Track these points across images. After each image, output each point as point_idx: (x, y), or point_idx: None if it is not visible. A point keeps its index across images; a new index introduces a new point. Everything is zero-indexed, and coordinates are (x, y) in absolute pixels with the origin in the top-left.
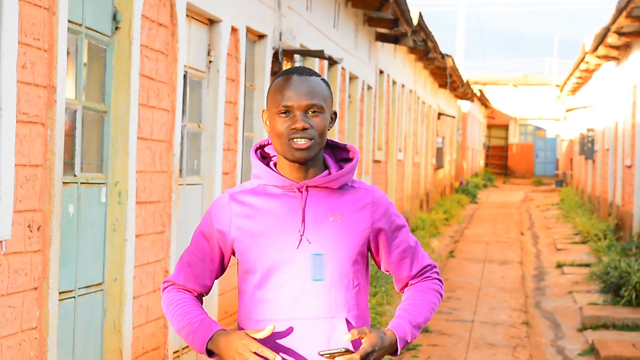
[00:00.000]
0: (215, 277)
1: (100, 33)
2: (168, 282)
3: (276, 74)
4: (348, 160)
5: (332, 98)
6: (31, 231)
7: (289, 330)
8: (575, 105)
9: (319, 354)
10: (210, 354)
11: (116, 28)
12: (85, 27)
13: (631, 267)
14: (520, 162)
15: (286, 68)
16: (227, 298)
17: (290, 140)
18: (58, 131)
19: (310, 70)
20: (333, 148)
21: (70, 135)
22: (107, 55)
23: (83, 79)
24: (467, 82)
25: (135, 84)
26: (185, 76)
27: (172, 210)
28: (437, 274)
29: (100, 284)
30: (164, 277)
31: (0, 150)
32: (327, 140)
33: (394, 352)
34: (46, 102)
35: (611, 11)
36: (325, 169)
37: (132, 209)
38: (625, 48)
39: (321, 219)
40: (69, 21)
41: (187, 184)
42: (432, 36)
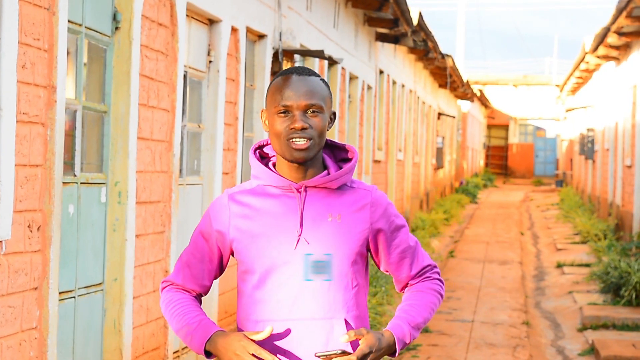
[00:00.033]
0: (214, 278)
1: (100, 33)
2: (167, 282)
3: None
4: (347, 161)
5: (331, 98)
6: (31, 231)
7: (288, 331)
8: (575, 105)
9: (316, 356)
10: (208, 355)
11: (116, 28)
12: (85, 27)
13: (631, 267)
14: (520, 162)
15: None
16: (227, 298)
17: (290, 140)
18: (58, 131)
19: (309, 70)
20: (332, 148)
21: (70, 135)
22: (107, 55)
23: (83, 79)
24: (467, 82)
25: (135, 84)
26: (185, 76)
27: (172, 210)
28: (437, 274)
29: (100, 284)
30: (164, 277)
31: (0, 150)
32: (326, 140)
33: (392, 354)
34: (46, 102)
35: (611, 11)
36: (325, 169)
37: (132, 209)
38: (625, 48)
39: (320, 219)
40: (69, 21)
41: (187, 184)
42: (432, 36)
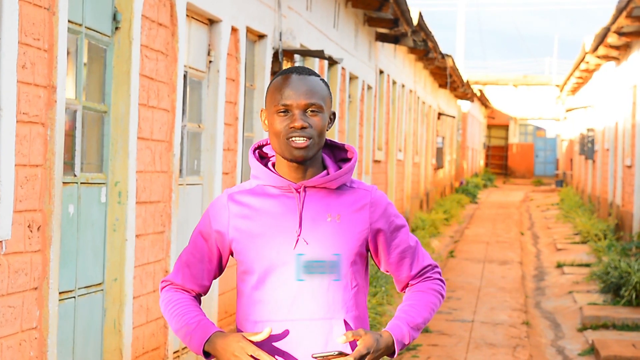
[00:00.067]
0: (213, 278)
1: (100, 33)
2: (166, 282)
3: (276, 74)
4: (347, 161)
5: (331, 98)
6: (31, 231)
7: (287, 332)
8: (575, 105)
9: (313, 357)
10: (207, 355)
11: (116, 28)
12: (85, 27)
13: (631, 267)
14: (520, 162)
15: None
16: (227, 298)
17: (289, 140)
18: (58, 131)
19: (309, 69)
20: (332, 148)
21: (70, 135)
22: (107, 55)
23: (83, 79)
24: (467, 82)
25: (135, 84)
26: (185, 76)
27: (172, 210)
28: (438, 274)
29: (100, 284)
30: (164, 277)
31: (0, 150)
32: (325, 140)
33: (391, 354)
34: (46, 102)
35: (611, 11)
36: (324, 169)
37: (132, 209)
38: (625, 48)
39: (319, 219)
40: (69, 21)
41: (187, 184)
42: (432, 36)
